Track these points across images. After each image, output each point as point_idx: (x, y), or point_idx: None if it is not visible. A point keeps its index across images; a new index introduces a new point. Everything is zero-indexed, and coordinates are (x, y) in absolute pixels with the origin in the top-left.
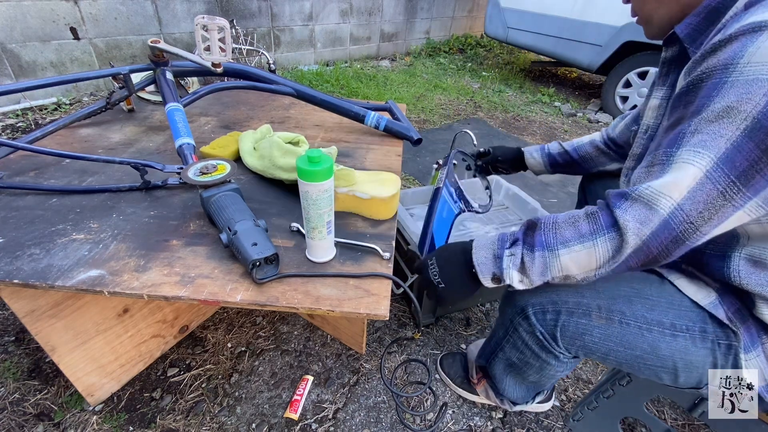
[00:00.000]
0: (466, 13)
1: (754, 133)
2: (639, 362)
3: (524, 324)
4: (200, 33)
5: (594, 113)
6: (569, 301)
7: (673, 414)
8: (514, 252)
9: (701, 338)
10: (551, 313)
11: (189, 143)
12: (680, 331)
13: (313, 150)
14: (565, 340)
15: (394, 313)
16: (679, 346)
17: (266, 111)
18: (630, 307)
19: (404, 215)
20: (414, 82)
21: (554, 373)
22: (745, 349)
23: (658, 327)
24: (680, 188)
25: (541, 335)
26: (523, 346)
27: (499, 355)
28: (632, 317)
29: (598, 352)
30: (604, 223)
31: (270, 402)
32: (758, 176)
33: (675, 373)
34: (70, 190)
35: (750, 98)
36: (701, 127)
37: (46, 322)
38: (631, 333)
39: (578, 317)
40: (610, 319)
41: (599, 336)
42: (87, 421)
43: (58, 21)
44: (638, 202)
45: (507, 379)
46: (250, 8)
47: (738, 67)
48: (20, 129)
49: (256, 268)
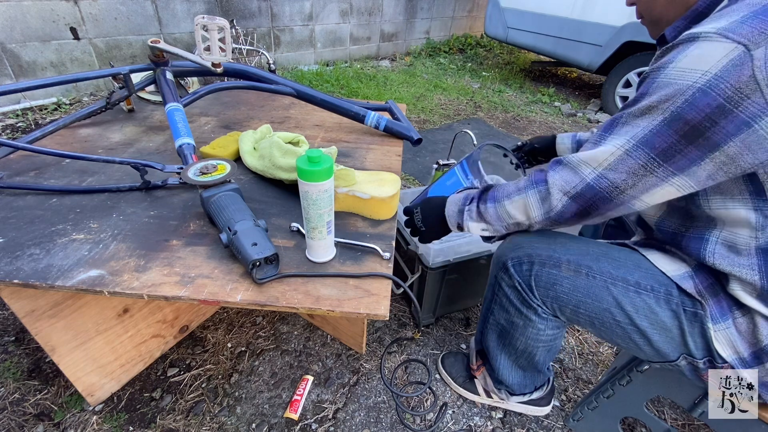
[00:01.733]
0: (466, 13)
1: (672, 122)
2: (607, 317)
3: (505, 278)
4: (200, 33)
5: (594, 113)
6: (542, 255)
7: (673, 414)
8: (470, 208)
9: (665, 300)
10: (526, 264)
11: (189, 143)
12: (644, 290)
13: (313, 150)
14: (539, 290)
15: (394, 313)
16: (643, 304)
17: (266, 111)
18: (597, 263)
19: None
20: (414, 82)
21: (538, 335)
22: (713, 319)
23: (622, 283)
24: (599, 161)
25: (519, 285)
26: (507, 302)
27: (490, 321)
28: (598, 272)
29: (569, 305)
30: (536, 179)
31: (270, 402)
32: (678, 155)
33: (643, 334)
34: (70, 190)
35: (669, 98)
36: (629, 119)
37: (46, 322)
38: (597, 286)
39: (549, 268)
40: (578, 271)
41: (568, 286)
42: (87, 421)
43: (58, 21)
44: (566, 167)
45: (500, 357)
46: (250, 8)
47: (666, 70)
48: (20, 129)
49: (256, 268)
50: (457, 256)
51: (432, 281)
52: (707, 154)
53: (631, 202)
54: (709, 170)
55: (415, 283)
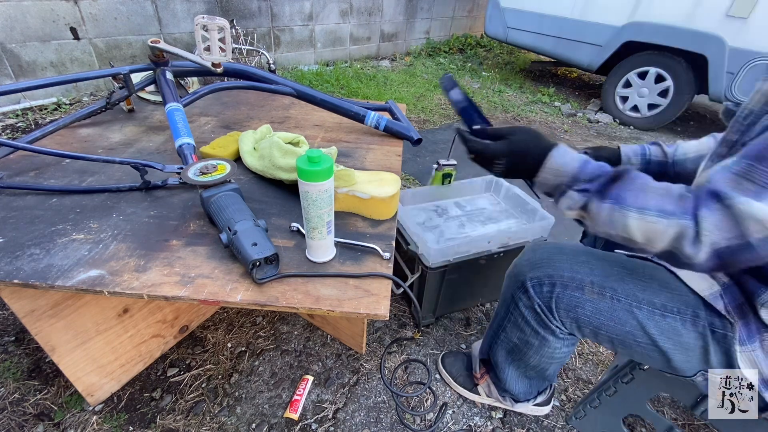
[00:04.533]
0: (466, 13)
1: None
2: (629, 339)
3: (524, 298)
4: (200, 33)
5: (594, 113)
6: (564, 276)
7: (674, 414)
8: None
9: (692, 322)
10: (547, 285)
11: (189, 143)
12: (670, 312)
13: (313, 150)
14: (560, 312)
15: (394, 313)
16: (668, 327)
17: (266, 111)
18: (622, 285)
19: (404, 215)
20: (414, 82)
21: (553, 353)
22: (741, 342)
23: (648, 306)
24: None
25: (539, 307)
26: (523, 322)
27: (501, 337)
28: (623, 294)
29: (590, 326)
30: (685, 209)
31: (270, 402)
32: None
33: (665, 355)
34: (70, 190)
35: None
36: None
37: (46, 322)
38: (621, 309)
39: (572, 290)
40: (602, 294)
41: (591, 309)
42: (87, 421)
43: (58, 21)
44: (727, 213)
45: (509, 370)
46: (250, 8)
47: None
48: (20, 129)
49: (256, 268)
50: (457, 256)
51: (432, 281)
52: None
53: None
54: None
55: (415, 283)
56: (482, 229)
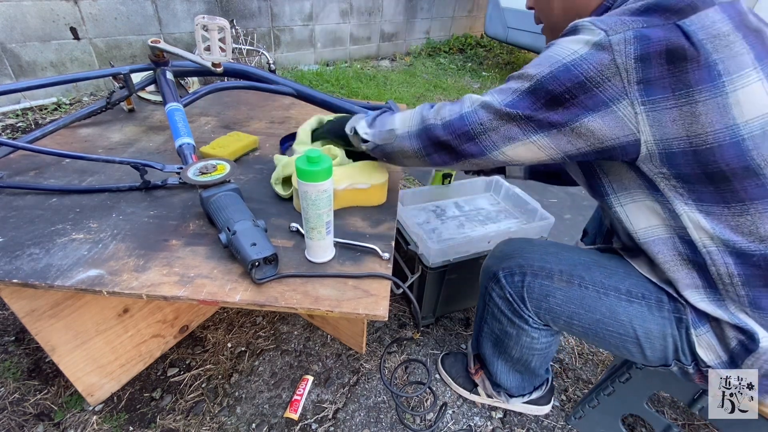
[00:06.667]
0: (466, 13)
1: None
2: (601, 327)
3: (497, 288)
4: (200, 33)
5: None
6: (534, 265)
7: (673, 414)
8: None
9: (657, 307)
10: (518, 275)
11: (189, 143)
12: (636, 297)
13: (313, 150)
14: (532, 301)
15: (394, 313)
16: (635, 312)
17: (266, 111)
18: (589, 273)
19: (404, 215)
20: (414, 82)
21: (532, 343)
22: (694, 324)
23: (614, 292)
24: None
25: (510, 297)
26: (499, 313)
27: (484, 330)
28: (590, 282)
29: (563, 316)
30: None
31: (270, 402)
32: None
33: (638, 342)
34: (70, 190)
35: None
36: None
37: (46, 322)
38: (590, 296)
39: (542, 279)
40: (570, 282)
41: (561, 298)
42: (87, 421)
43: (58, 21)
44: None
45: (497, 363)
46: (250, 8)
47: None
48: (20, 129)
49: (255, 268)
50: (457, 256)
51: (432, 281)
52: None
53: (493, 153)
54: (569, 138)
55: (415, 283)
56: (482, 229)
